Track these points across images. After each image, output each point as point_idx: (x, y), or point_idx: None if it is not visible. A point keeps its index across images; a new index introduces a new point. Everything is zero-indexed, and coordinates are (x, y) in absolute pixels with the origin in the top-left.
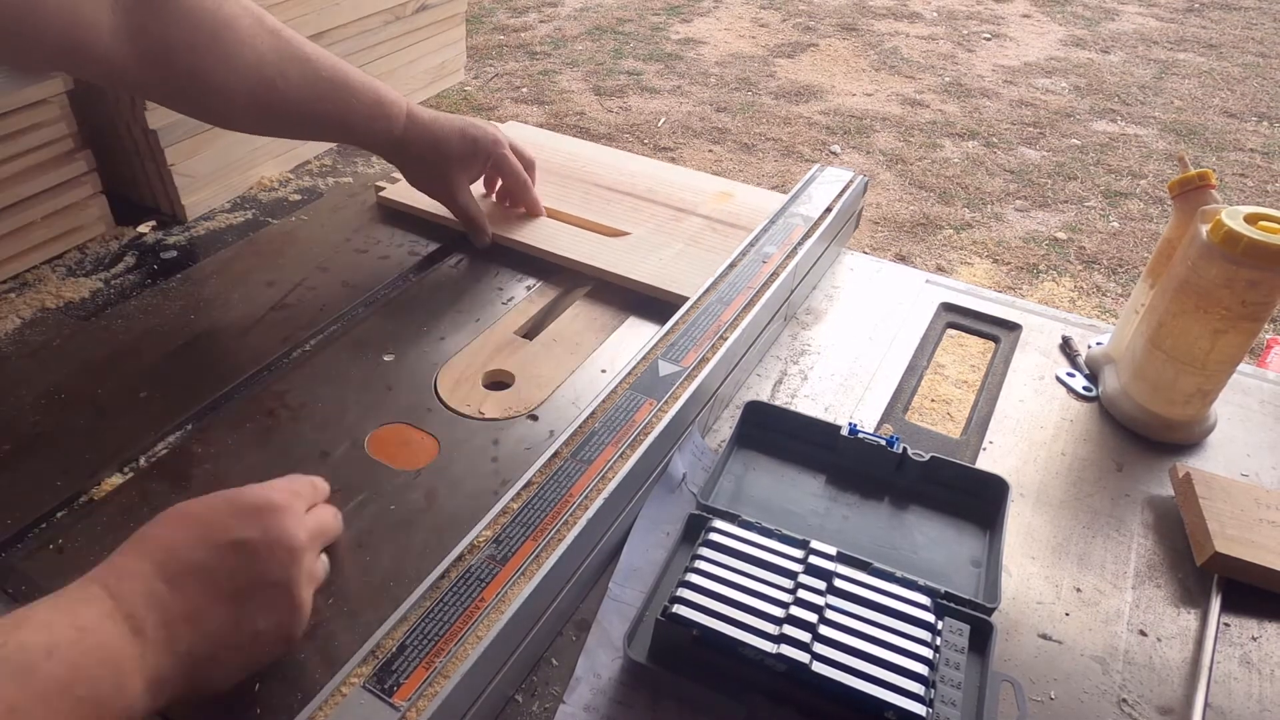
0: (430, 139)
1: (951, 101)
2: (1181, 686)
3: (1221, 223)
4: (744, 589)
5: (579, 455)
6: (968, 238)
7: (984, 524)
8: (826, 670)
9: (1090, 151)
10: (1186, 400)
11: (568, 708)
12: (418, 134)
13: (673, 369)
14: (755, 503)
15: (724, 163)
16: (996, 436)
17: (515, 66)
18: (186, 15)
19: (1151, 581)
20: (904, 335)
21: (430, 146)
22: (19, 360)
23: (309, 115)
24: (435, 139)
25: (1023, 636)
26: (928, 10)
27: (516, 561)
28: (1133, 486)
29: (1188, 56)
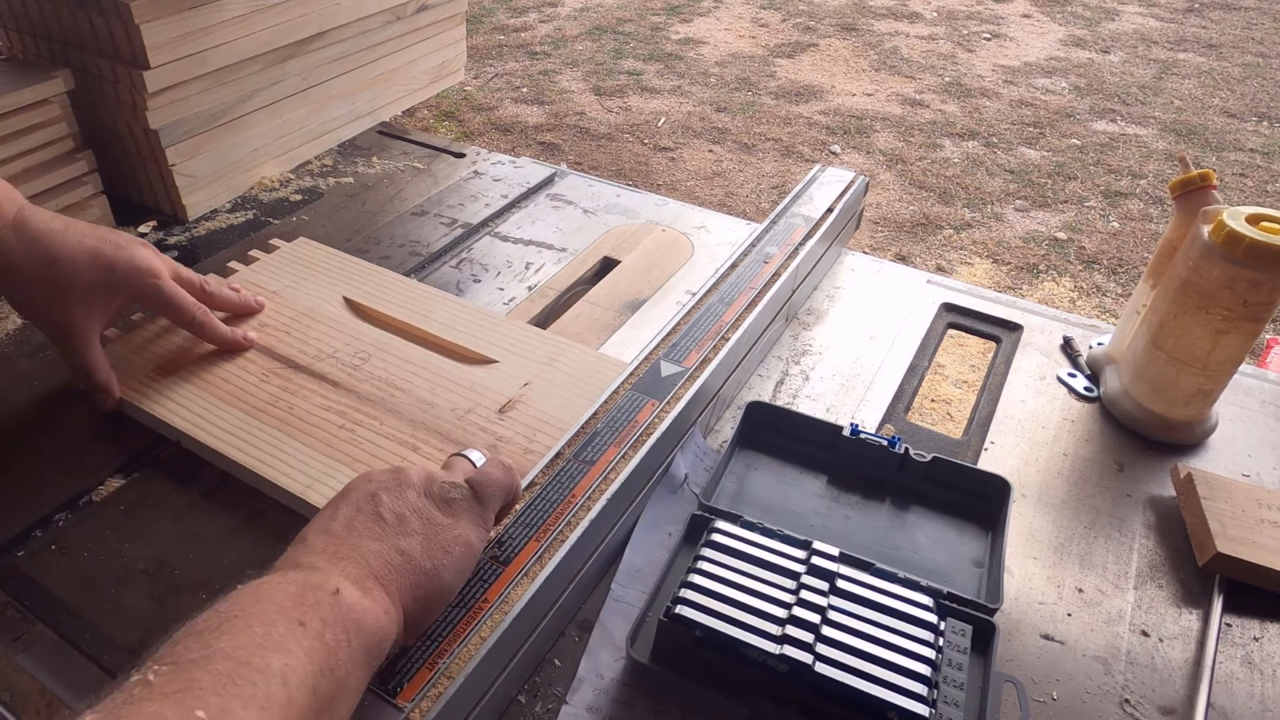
0: (43, 258)
1: (951, 101)
2: (1183, 687)
3: (1223, 224)
4: (746, 589)
5: (581, 456)
6: (968, 238)
7: (986, 524)
8: (829, 671)
9: (1090, 151)
10: (1188, 400)
11: (570, 708)
12: (24, 251)
13: (675, 369)
14: (757, 503)
15: (724, 163)
16: (998, 437)
17: (515, 66)
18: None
19: (1153, 582)
20: (905, 335)
21: (42, 268)
22: (20, 360)
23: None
24: (51, 258)
25: (1025, 637)
26: (928, 10)
27: (519, 562)
28: (1134, 487)
29: (1188, 56)
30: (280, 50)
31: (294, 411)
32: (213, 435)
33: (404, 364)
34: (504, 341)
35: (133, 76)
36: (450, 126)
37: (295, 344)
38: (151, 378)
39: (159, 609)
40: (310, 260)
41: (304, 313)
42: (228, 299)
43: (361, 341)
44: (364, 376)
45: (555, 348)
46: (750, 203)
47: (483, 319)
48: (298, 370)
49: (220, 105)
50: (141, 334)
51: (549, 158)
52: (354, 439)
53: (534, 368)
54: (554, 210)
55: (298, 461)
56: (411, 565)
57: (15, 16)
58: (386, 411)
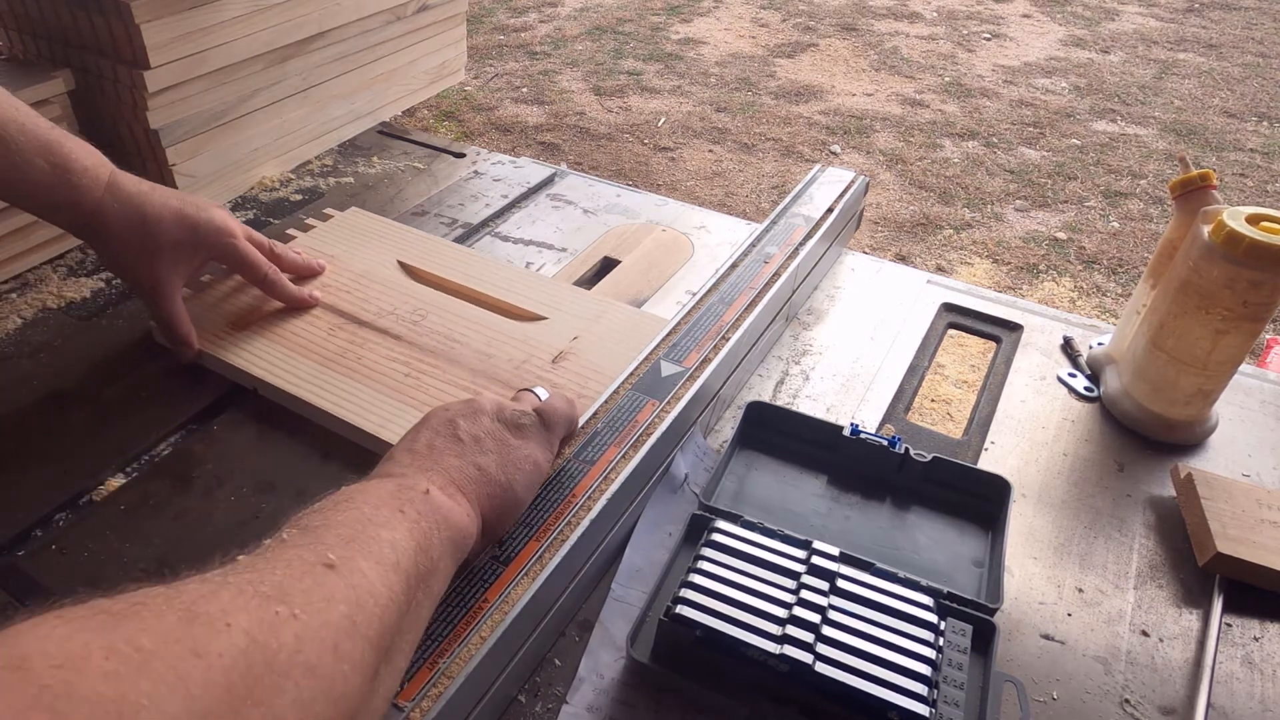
0: (135, 217)
1: (951, 101)
2: (1184, 687)
3: (1223, 224)
4: (747, 589)
5: (581, 456)
6: (968, 238)
7: (986, 524)
8: (829, 670)
9: (1090, 151)
10: (1188, 400)
11: (571, 708)
12: (118, 209)
13: (675, 369)
14: (757, 503)
15: (724, 163)
16: (998, 437)
17: (515, 66)
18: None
19: (1153, 582)
20: (905, 335)
21: (134, 227)
22: (20, 360)
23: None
24: (143, 218)
25: (1025, 637)
26: (928, 10)
27: (520, 562)
28: (1134, 487)
29: (1188, 56)
30: (280, 50)
31: (362, 361)
32: (289, 381)
33: (459, 320)
34: (551, 300)
35: (133, 76)
36: (450, 126)
37: (356, 302)
38: (226, 332)
39: None
40: (363, 227)
41: (362, 275)
42: (293, 260)
43: (417, 300)
44: (423, 331)
45: (599, 306)
46: (750, 203)
47: (530, 280)
48: (361, 325)
49: (220, 105)
50: (212, 293)
51: (549, 158)
52: (419, 385)
53: (581, 323)
54: (554, 210)
55: (369, 404)
56: (488, 479)
57: (15, 16)
58: (448, 362)
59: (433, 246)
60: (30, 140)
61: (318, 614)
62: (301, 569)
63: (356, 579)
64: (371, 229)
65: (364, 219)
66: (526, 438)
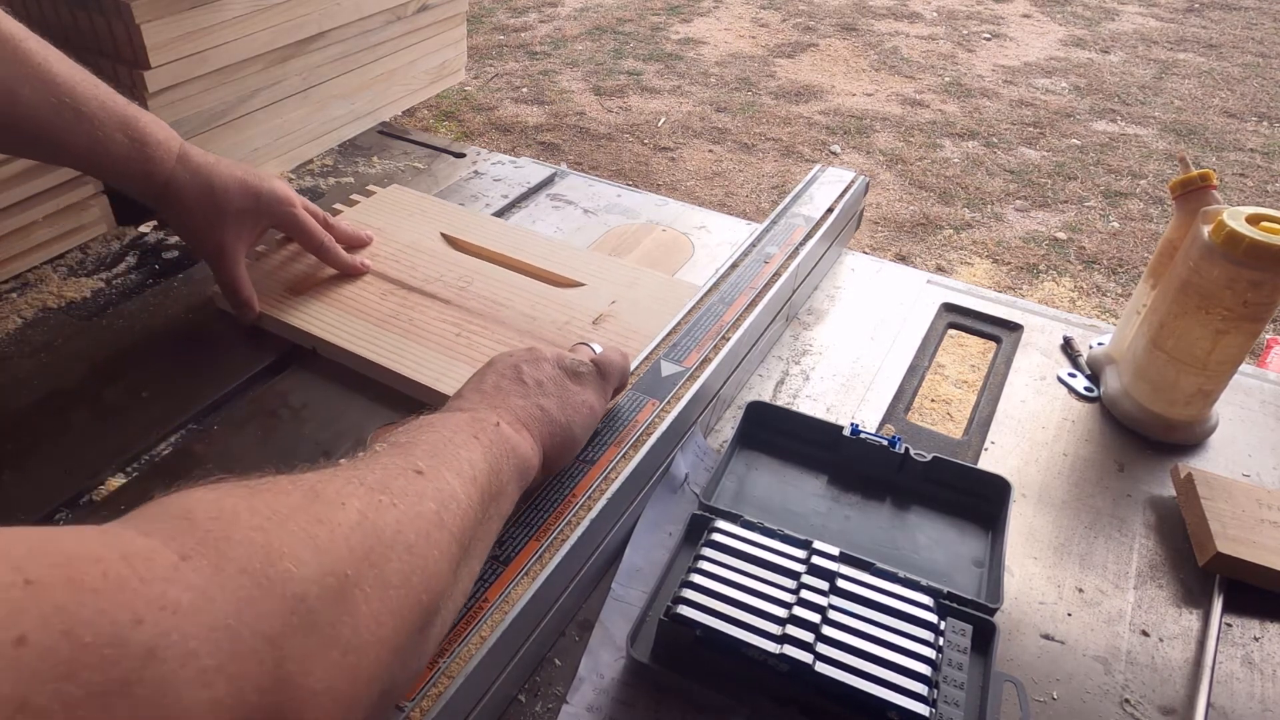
0: (204, 186)
1: (951, 101)
2: (1184, 687)
3: (1223, 224)
4: (747, 589)
5: (582, 455)
6: (968, 238)
7: (986, 524)
8: (829, 670)
9: (1090, 151)
10: (1188, 401)
11: (571, 708)
12: (187, 181)
13: (675, 369)
14: (757, 503)
15: (724, 163)
16: (998, 437)
17: (515, 66)
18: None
19: (1153, 582)
20: (905, 335)
21: (203, 195)
22: (21, 360)
23: (47, 143)
24: (211, 187)
25: (1025, 637)
26: (928, 10)
27: (520, 562)
28: (1134, 487)
29: (1188, 56)
30: (280, 50)
31: (414, 323)
32: (348, 340)
33: (502, 286)
34: (587, 268)
35: (133, 76)
36: (450, 126)
37: (404, 270)
38: (284, 297)
39: None
40: (405, 203)
41: (407, 245)
42: (344, 230)
43: (461, 269)
44: (469, 296)
45: (633, 273)
46: (750, 203)
47: (566, 250)
48: (410, 291)
49: (220, 105)
50: (269, 262)
51: (549, 158)
52: (470, 344)
53: (617, 289)
54: (554, 210)
55: (424, 360)
56: (549, 418)
57: (15, 16)
58: (495, 323)
59: (473, 219)
60: (110, 116)
61: (412, 506)
62: (396, 471)
63: (442, 484)
64: (413, 204)
65: (405, 194)
66: (584, 384)
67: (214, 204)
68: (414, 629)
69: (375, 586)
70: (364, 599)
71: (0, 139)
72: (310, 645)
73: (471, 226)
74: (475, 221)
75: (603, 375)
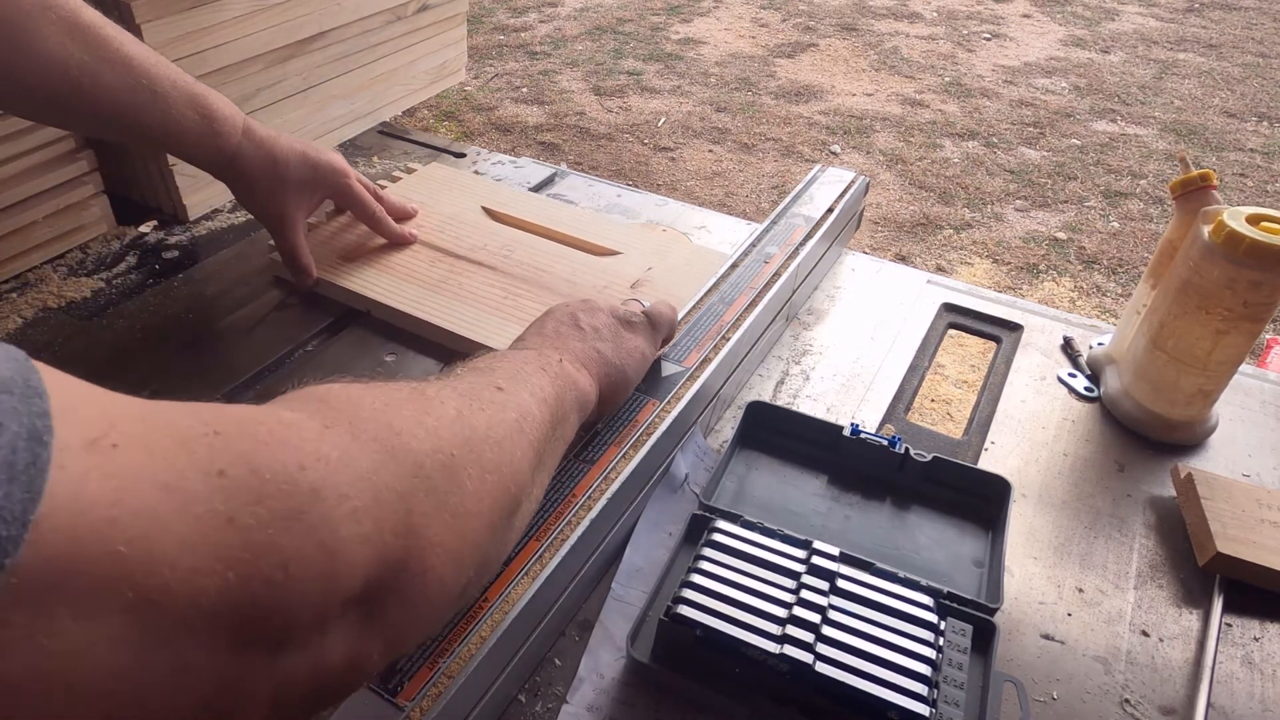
0: (267, 159)
1: (951, 101)
2: (1184, 687)
3: (1223, 224)
4: (747, 589)
5: (582, 455)
6: (968, 238)
7: (986, 524)
8: (829, 670)
9: (1090, 151)
10: (1188, 401)
11: (571, 707)
12: (253, 152)
13: (675, 369)
14: (757, 503)
15: (724, 163)
16: (998, 437)
17: (515, 66)
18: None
19: (1153, 582)
20: (905, 335)
21: (267, 167)
22: None
23: (124, 123)
24: (274, 159)
25: (1025, 637)
26: (928, 10)
27: (520, 561)
28: (1134, 487)
29: (1188, 56)
30: (280, 50)
31: (462, 287)
32: (402, 302)
33: (543, 255)
34: (622, 238)
35: None
36: (450, 126)
37: (449, 240)
38: (339, 264)
39: None
40: (445, 179)
41: (450, 218)
42: (392, 202)
43: (503, 239)
44: (513, 263)
45: (665, 242)
46: (750, 203)
47: (600, 221)
48: (457, 259)
49: None
50: (322, 232)
51: (549, 158)
52: (517, 305)
53: (651, 257)
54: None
55: (475, 320)
56: (605, 361)
57: None
58: (539, 288)
59: (511, 194)
60: (181, 94)
61: (498, 413)
62: (481, 386)
63: (519, 400)
64: (453, 180)
65: (445, 171)
66: (636, 332)
67: (276, 175)
68: (504, 514)
69: (474, 469)
70: (467, 477)
71: (81, 121)
72: (429, 505)
73: (510, 200)
74: (513, 196)
75: (653, 324)
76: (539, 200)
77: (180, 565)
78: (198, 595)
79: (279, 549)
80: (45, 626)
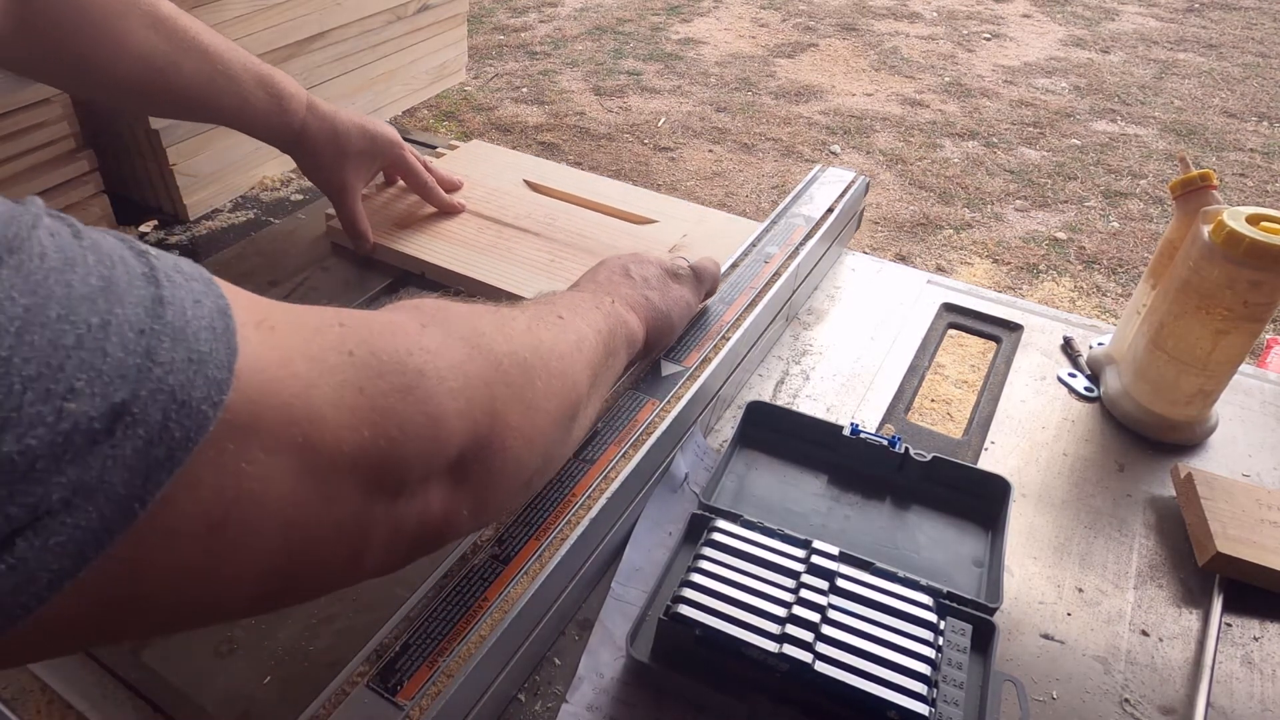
0: (330, 132)
1: (951, 101)
2: (1183, 687)
3: (1223, 224)
4: (746, 589)
5: (582, 455)
6: (968, 238)
7: (986, 524)
8: (829, 670)
9: (1090, 151)
10: (1188, 401)
11: (570, 707)
12: (317, 128)
13: (675, 369)
14: (757, 503)
15: (724, 163)
16: (998, 437)
17: (515, 66)
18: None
19: (1153, 582)
20: (905, 335)
21: (329, 140)
22: None
23: (205, 107)
24: (335, 132)
25: (1025, 636)
26: (928, 10)
27: (520, 561)
28: (1134, 487)
29: (1188, 56)
30: (280, 50)
31: (511, 251)
32: (456, 264)
33: (585, 223)
34: (657, 208)
35: None
36: (450, 126)
37: (495, 209)
38: (393, 230)
39: None
40: (487, 155)
41: (494, 189)
42: (441, 174)
43: (546, 209)
44: (557, 231)
45: (698, 212)
46: (750, 203)
47: (636, 192)
48: (503, 226)
49: None
50: (372, 202)
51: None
52: (563, 268)
53: (686, 225)
54: None
55: (526, 280)
56: (652, 307)
57: None
58: (582, 251)
59: (551, 168)
60: (252, 76)
61: (560, 335)
62: (543, 313)
63: (578, 328)
64: (494, 156)
65: (486, 149)
66: (682, 283)
67: (338, 146)
68: (566, 416)
69: (543, 373)
70: (537, 377)
71: (163, 107)
72: (508, 395)
73: (551, 174)
74: (553, 169)
75: (698, 277)
76: (578, 174)
77: (329, 420)
78: (341, 444)
79: (396, 414)
80: (246, 454)
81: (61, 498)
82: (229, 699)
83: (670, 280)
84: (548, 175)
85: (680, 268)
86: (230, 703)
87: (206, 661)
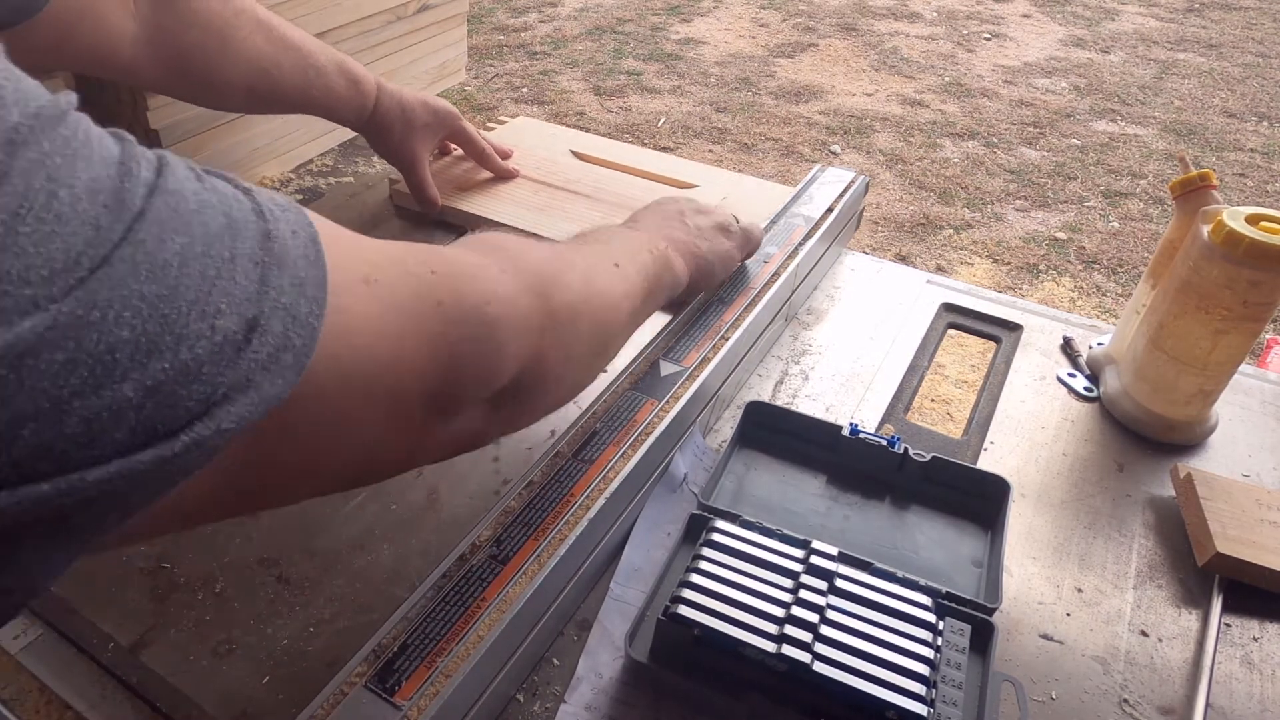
0: (399, 110)
1: (951, 101)
2: (1183, 687)
3: (1223, 224)
4: (745, 589)
5: (581, 455)
6: (968, 238)
7: (985, 524)
8: (828, 670)
9: (1090, 151)
10: (1188, 401)
11: (569, 707)
12: (388, 106)
13: (674, 369)
14: (756, 503)
15: (724, 163)
16: (997, 437)
17: (515, 66)
18: (196, 19)
19: (1153, 582)
20: (905, 335)
21: (399, 117)
22: None
23: (297, 99)
24: (403, 109)
25: (1024, 637)
26: (928, 10)
27: (518, 561)
28: (1134, 487)
29: (1188, 56)
30: None
31: (565, 211)
32: (518, 220)
33: (631, 187)
34: (697, 174)
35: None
36: None
37: (546, 175)
38: (456, 193)
39: (159, 607)
40: (534, 129)
41: (544, 159)
42: (494, 143)
43: (594, 176)
44: (606, 194)
45: (734, 178)
46: None
47: (675, 161)
48: (556, 190)
49: None
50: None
51: None
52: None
53: (725, 188)
54: None
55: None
56: (699, 254)
57: None
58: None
59: (595, 141)
60: (333, 65)
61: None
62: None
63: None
64: (541, 130)
65: (533, 124)
66: (730, 238)
67: (406, 122)
68: (599, 359)
69: (589, 323)
70: (582, 321)
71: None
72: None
73: (595, 145)
74: (598, 142)
75: (745, 236)
76: (620, 146)
77: (413, 366)
78: (420, 382)
79: (465, 356)
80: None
81: (224, 393)
82: (228, 699)
83: (720, 234)
84: (592, 146)
85: (732, 225)
86: (229, 703)
87: (205, 661)
